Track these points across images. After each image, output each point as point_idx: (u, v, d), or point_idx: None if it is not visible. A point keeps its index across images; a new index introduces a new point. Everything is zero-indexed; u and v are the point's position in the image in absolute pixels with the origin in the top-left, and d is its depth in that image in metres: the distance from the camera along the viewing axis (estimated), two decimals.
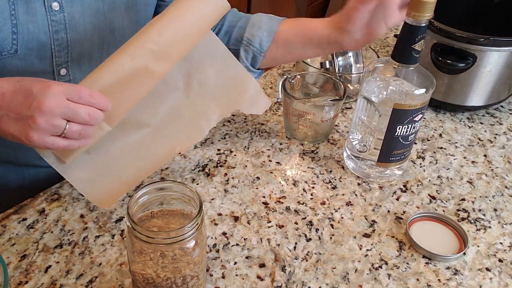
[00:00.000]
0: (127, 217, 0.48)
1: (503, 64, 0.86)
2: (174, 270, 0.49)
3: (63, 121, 0.54)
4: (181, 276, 0.50)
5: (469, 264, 0.65)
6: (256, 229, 0.67)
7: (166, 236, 0.47)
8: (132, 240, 0.48)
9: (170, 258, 0.49)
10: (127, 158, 0.67)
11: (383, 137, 0.71)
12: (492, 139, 0.89)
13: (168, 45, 0.60)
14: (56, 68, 0.70)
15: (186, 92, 0.68)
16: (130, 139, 0.66)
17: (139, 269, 0.50)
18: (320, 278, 0.61)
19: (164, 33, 0.59)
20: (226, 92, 0.71)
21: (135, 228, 0.47)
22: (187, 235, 0.47)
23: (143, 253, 0.49)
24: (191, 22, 0.61)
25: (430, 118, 0.93)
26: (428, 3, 0.60)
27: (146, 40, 0.59)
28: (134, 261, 0.50)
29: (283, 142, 0.84)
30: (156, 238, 0.47)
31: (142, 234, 0.46)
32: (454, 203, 0.74)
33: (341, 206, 0.72)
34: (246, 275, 0.61)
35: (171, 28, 0.60)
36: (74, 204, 0.70)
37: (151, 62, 0.58)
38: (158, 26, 0.60)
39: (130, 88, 0.58)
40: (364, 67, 0.98)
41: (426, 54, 0.89)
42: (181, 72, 0.67)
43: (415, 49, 0.64)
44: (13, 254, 0.62)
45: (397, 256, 0.65)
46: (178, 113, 0.69)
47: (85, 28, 0.69)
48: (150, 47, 0.58)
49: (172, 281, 0.50)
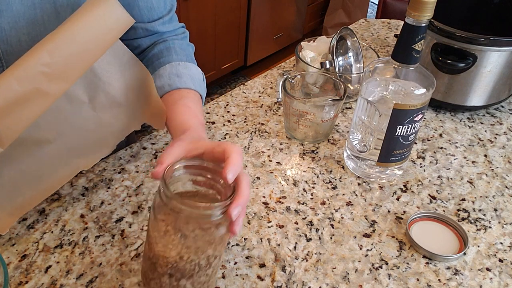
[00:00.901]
0: (163, 185, 0.48)
1: (503, 64, 0.86)
2: (204, 248, 0.49)
3: None
4: (204, 256, 0.50)
5: (469, 264, 0.65)
6: (256, 229, 0.67)
7: (206, 207, 0.47)
8: (157, 220, 0.48)
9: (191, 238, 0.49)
10: (25, 178, 0.63)
11: (383, 137, 0.71)
12: (492, 139, 0.89)
13: (62, 65, 0.56)
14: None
15: (92, 105, 0.65)
16: (30, 158, 0.63)
17: (162, 252, 0.49)
18: (320, 278, 0.61)
19: (56, 53, 0.55)
20: (134, 103, 0.68)
21: (170, 196, 0.47)
22: (217, 213, 0.47)
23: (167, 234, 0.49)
24: (87, 39, 0.57)
25: (430, 118, 0.93)
26: (428, 3, 0.60)
27: (36, 62, 0.55)
28: (158, 243, 0.49)
29: (283, 142, 0.84)
30: (194, 208, 0.47)
31: (180, 204, 0.46)
32: (454, 203, 0.74)
33: (341, 206, 0.72)
34: (246, 275, 0.61)
35: (64, 48, 0.56)
36: (74, 204, 0.70)
37: (43, 84, 0.55)
38: (49, 46, 0.56)
39: (20, 110, 0.55)
40: (364, 67, 0.98)
41: (426, 54, 0.89)
42: (86, 85, 0.63)
43: (415, 49, 0.64)
44: (13, 254, 0.62)
45: (397, 256, 0.65)
46: (84, 127, 0.66)
47: (19, 40, 0.64)
48: (40, 69, 0.55)
49: (196, 263, 0.50)
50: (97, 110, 0.65)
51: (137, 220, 0.68)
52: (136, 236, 0.65)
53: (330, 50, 0.93)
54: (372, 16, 3.57)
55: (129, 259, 0.62)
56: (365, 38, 1.22)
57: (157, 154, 0.80)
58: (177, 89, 0.70)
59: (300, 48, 0.99)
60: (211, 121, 0.89)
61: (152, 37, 0.75)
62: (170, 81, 0.70)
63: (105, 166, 0.77)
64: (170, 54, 0.73)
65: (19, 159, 0.62)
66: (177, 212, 0.47)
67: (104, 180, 0.74)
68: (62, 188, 0.72)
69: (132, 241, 0.65)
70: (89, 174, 0.75)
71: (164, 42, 0.75)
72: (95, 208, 0.69)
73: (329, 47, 0.94)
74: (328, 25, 3.15)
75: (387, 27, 1.28)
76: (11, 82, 0.53)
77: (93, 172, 0.76)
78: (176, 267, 0.49)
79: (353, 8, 3.08)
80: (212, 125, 0.88)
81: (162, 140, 0.83)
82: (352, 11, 3.09)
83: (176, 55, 0.73)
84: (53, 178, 0.65)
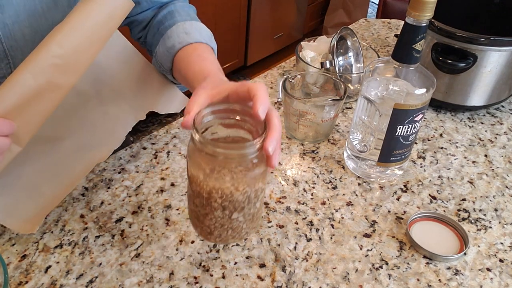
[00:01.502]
0: (194, 132, 0.48)
1: (504, 64, 0.86)
2: (249, 183, 0.50)
3: None
4: (254, 189, 0.51)
5: (469, 264, 0.64)
6: (256, 229, 0.67)
7: (240, 147, 0.48)
8: (197, 162, 0.49)
9: (240, 173, 0.49)
10: (43, 177, 0.64)
11: (384, 137, 0.71)
12: (492, 139, 0.89)
13: (72, 57, 0.56)
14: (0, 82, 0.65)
15: (99, 99, 0.66)
16: (45, 156, 0.64)
17: (218, 185, 0.50)
18: (320, 278, 0.61)
19: (66, 44, 0.56)
20: (139, 94, 0.68)
21: (204, 142, 0.47)
22: (253, 150, 0.48)
23: (214, 171, 0.49)
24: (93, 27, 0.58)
25: (430, 118, 0.93)
26: (429, 3, 0.60)
27: (47, 55, 0.55)
28: (209, 180, 0.49)
29: (284, 142, 0.84)
30: (229, 149, 0.48)
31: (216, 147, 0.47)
32: (455, 203, 0.74)
33: (341, 206, 0.72)
34: (247, 275, 0.61)
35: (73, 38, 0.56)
36: (74, 204, 0.70)
37: (55, 76, 0.56)
38: (58, 37, 0.56)
39: (36, 105, 0.56)
40: (365, 67, 0.98)
41: (426, 54, 0.89)
42: (90, 79, 0.64)
43: (415, 49, 0.64)
44: (13, 254, 0.62)
45: (397, 256, 0.65)
46: (93, 122, 0.66)
47: (23, 33, 0.64)
48: (52, 62, 0.55)
49: (248, 195, 0.51)
50: (103, 103, 0.66)
51: (137, 220, 0.68)
52: (136, 236, 0.65)
53: (330, 50, 0.92)
54: (372, 16, 3.57)
55: (129, 259, 0.62)
56: (366, 38, 1.22)
57: (157, 154, 0.80)
58: (187, 45, 0.71)
59: (300, 48, 0.99)
60: None
61: (155, 7, 0.76)
62: (180, 39, 0.71)
63: (105, 166, 0.77)
64: (174, 16, 0.74)
65: (36, 159, 0.63)
66: (215, 156, 0.48)
67: (104, 180, 0.74)
68: None
69: (132, 241, 0.65)
70: (89, 174, 0.75)
71: (166, 7, 0.76)
72: (95, 208, 0.69)
73: (329, 47, 0.94)
74: (328, 25, 3.15)
75: (388, 27, 1.28)
76: (25, 77, 0.54)
77: (93, 172, 0.76)
78: (230, 198, 0.50)
79: (353, 8, 3.08)
80: None
81: (162, 140, 0.83)
82: (352, 11, 3.08)
83: (179, 16, 0.74)
84: (71, 174, 0.66)
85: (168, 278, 0.60)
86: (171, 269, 0.61)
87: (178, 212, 0.69)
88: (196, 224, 0.55)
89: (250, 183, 0.50)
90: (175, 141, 0.83)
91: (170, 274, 0.61)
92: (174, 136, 0.84)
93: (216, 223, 0.52)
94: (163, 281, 0.60)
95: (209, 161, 0.49)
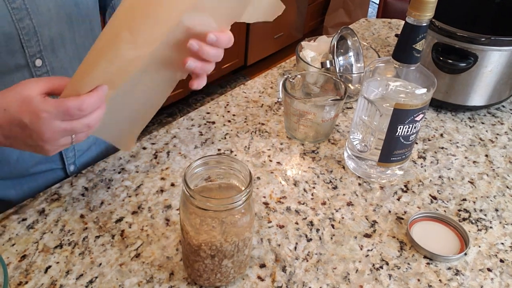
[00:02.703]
0: (184, 185, 0.51)
1: (504, 64, 0.86)
2: (238, 233, 0.54)
3: (67, 138, 0.55)
4: (243, 238, 0.55)
5: (470, 265, 0.64)
6: (256, 229, 0.67)
7: (230, 201, 0.51)
8: (190, 213, 0.53)
9: (230, 224, 0.53)
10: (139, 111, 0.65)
11: (384, 137, 0.71)
12: (493, 139, 0.88)
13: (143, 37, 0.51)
14: (30, 60, 0.66)
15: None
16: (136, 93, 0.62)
17: (208, 239, 0.53)
18: (320, 279, 0.61)
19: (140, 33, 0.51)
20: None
21: (195, 197, 0.51)
22: (242, 201, 0.52)
23: (204, 223, 0.53)
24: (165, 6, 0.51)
25: (431, 118, 0.93)
26: (429, 3, 0.60)
27: (119, 45, 0.51)
28: (200, 233, 0.53)
29: (284, 142, 0.84)
30: (217, 204, 0.51)
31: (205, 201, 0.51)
32: (455, 203, 0.74)
33: (341, 206, 0.72)
34: (247, 275, 0.61)
35: (145, 23, 0.51)
36: (74, 204, 0.70)
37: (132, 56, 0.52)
38: (127, 25, 0.51)
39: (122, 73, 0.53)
40: (365, 67, 0.98)
41: (427, 54, 0.89)
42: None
43: (416, 49, 0.64)
44: (13, 254, 0.62)
45: (398, 256, 0.65)
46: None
47: (48, 8, 0.64)
48: (126, 53, 0.51)
49: (236, 244, 0.54)
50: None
51: (137, 220, 0.68)
52: (136, 236, 0.65)
53: (330, 49, 0.92)
54: (372, 15, 3.57)
55: (129, 259, 0.62)
56: (366, 37, 1.22)
57: (157, 154, 0.80)
58: None
59: (301, 47, 0.99)
60: (211, 121, 0.89)
61: None
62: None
63: (105, 166, 0.77)
64: None
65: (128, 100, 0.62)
66: (205, 209, 0.52)
67: (104, 180, 0.74)
68: (62, 188, 0.72)
69: (132, 241, 0.64)
70: (89, 174, 0.75)
71: None
72: (95, 208, 0.69)
73: (329, 46, 0.94)
74: (328, 24, 3.15)
75: (388, 26, 1.28)
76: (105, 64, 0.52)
77: (93, 172, 0.76)
78: (220, 249, 0.54)
79: (353, 8, 3.08)
80: (212, 125, 0.88)
81: (162, 140, 0.83)
82: (353, 11, 3.08)
83: None
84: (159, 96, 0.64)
85: (168, 278, 0.60)
86: (171, 269, 0.61)
87: (178, 212, 0.69)
88: (186, 265, 0.59)
89: (239, 232, 0.54)
90: (175, 141, 0.83)
91: (170, 274, 0.61)
92: (174, 136, 0.84)
93: (206, 268, 0.56)
94: (163, 281, 0.60)
95: (199, 213, 0.52)
